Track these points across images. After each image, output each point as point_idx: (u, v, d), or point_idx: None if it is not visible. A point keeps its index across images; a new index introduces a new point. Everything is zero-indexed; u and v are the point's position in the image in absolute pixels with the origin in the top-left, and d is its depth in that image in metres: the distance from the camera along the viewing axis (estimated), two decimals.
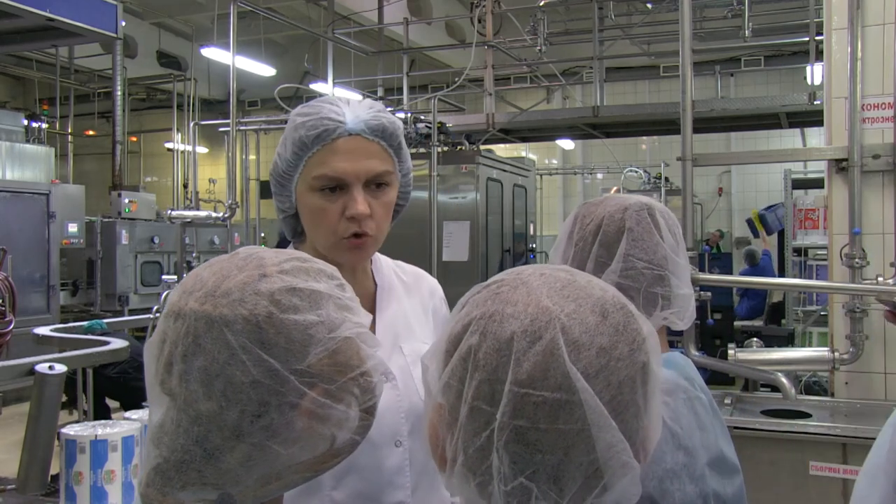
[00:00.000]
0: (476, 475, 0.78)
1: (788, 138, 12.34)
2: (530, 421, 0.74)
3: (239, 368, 0.84)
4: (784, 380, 3.58)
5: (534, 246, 9.86)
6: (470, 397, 0.77)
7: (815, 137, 10.98)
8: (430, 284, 1.69)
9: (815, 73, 7.67)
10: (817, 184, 8.05)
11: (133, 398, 5.87)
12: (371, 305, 1.54)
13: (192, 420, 0.86)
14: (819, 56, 6.47)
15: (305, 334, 0.87)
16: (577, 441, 0.74)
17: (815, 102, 7.45)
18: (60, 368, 2.46)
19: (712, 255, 11.65)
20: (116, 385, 6.26)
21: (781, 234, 9.65)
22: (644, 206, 1.41)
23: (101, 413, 6.06)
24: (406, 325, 1.57)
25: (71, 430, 2.18)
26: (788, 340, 7.67)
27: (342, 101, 1.45)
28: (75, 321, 6.49)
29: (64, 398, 6.60)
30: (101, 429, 2.20)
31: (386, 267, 1.62)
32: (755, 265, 10.32)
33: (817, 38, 7.01)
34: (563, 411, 0.74)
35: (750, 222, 11.16)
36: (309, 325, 0.87)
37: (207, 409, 0.85)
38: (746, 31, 7.86)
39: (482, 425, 0.77)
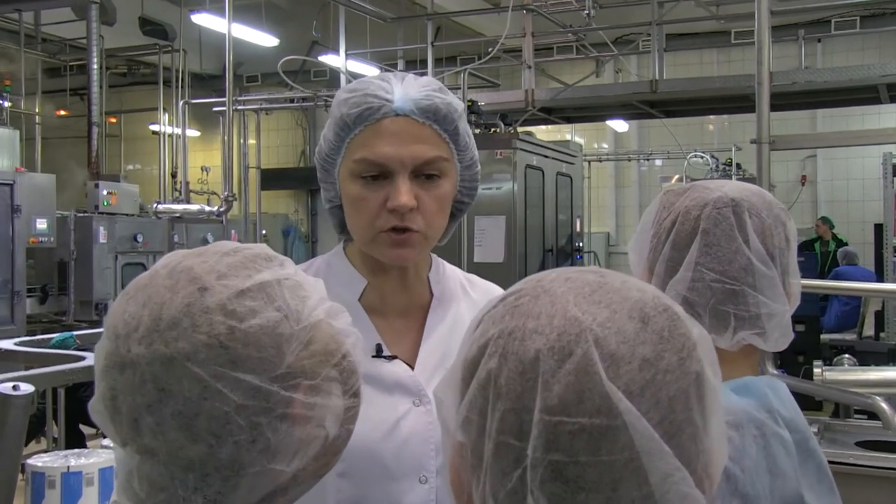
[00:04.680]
0: None
1: (888, 115, 12.19)
2: (567, 454, 0.73)
3: (217, 399, 0.87)
4: (884, 405, 3.53)
5: (581, 245, 9.82)
6: (494, 432, 0.76)
7: None
8: None
9: None
10: None
11: None
12: (423, 318, 1.56)
13: (184, 469, 0.89)
14: None
15: (274, 335, 0.90)
16: (625, 473, 0.73)
17: None
18: (27, 388, 2.47)
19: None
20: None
21: (879, 230, 9.54)
22: (729, 202, 1.38)
23: (75, 441, 6.11)
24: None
25: (39, 461, 2.20)
26: (888, 358, 7.56)
27: (395, 78, 1.49)
28: (44, 333, 6.54)
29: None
30: (75, 459, 2.21)
31: (450, 277, 1.64)
32: (853, 264, 10.27)
33: None
34: (605, 439, 0.73)
35: None
36: (275, 324, 0.90)
37: (197, 452, 0.88)
38: None
39: (511, 464, 0.75)
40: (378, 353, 1.49)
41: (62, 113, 14.88)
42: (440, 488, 1.47)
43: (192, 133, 14.66)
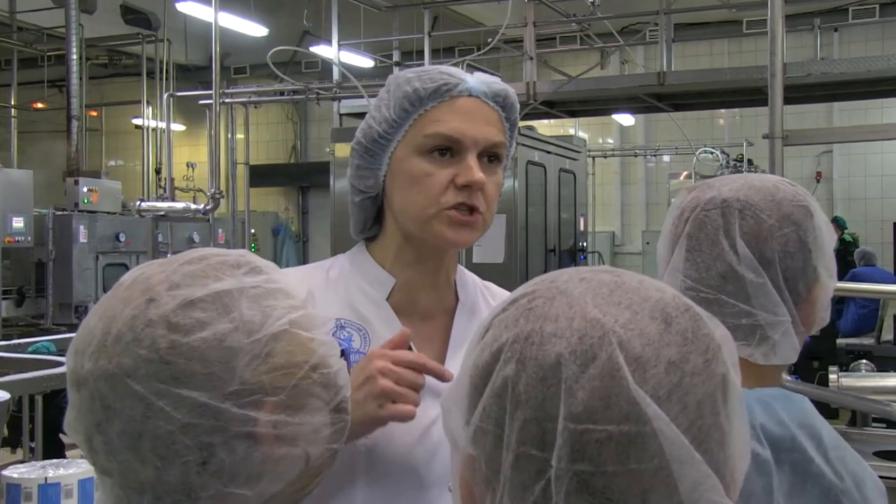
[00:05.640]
0: None
1: None
2: (594, 464, 0.72)
3: (161, 418, 0.86)
4: None
5: (585, 245, 9.83)
6: (514, 442, 0.75)
7: None
8: None
9: None
10: None
11: None
12: (449, 322, 1.60)
13: (138, 492, 0.89)
14: None
15: (222, 349, 0.88)
16: (654, 482, 0.73)
17: None
18: (2, 395, 2.47)
19: None
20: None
21: None
22: (719, 203, 1.35)
23: (53, 450, 6.09)
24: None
25: (14, 473, 2.19)
26: None
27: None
28: (21, 337, 6.54)
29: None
30: (53, 470, 2.21)
31: (472, 284, 1.68)
32: (871, 265, 10.28)
33: None
34: (633, 447, 0.72)
35: None
36: (223, 337, 0.88)
37: (147, 476, 0.87)
38: None
39: (533, 476, 0.74)
40: None
41: (39, 106, 14.84)
42: None
43: (178, 127, 14.66)
